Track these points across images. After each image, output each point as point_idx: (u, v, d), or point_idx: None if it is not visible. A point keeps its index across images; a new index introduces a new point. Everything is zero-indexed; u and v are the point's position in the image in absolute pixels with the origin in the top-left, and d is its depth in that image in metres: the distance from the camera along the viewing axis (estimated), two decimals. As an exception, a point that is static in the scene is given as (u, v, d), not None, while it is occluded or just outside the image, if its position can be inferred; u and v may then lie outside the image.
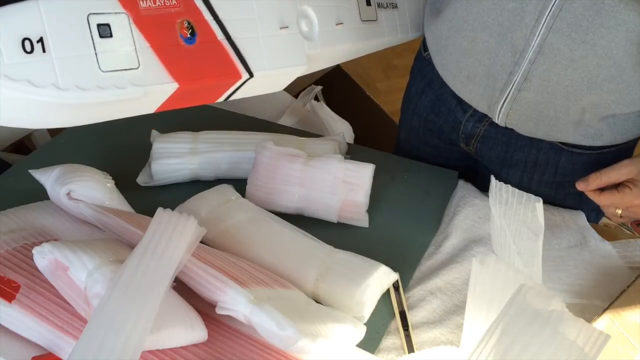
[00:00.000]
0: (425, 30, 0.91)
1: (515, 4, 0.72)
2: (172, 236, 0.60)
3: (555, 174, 0.87)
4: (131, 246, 0.63)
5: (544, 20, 0.70)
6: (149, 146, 0.87)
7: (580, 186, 0.74)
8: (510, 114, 0.80)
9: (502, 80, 0.77)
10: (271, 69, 0.63)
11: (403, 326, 0.69)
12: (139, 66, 0.52)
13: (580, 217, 0.84)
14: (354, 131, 1.22)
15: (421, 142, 1.01)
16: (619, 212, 0.73)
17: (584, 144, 0.81)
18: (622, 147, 0.83)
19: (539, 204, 0.68)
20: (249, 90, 0.64)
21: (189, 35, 0.55)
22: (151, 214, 0.63)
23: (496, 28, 0.75)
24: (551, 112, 0.77)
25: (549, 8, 0.70)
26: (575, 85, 0.73)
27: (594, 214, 0.87)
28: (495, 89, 0.79)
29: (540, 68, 0.73)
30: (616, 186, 0.73)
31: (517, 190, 0.71)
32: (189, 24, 0.55)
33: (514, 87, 0.77)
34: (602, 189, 0.74)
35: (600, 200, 0.73)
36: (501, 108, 0.80)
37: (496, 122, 0.83)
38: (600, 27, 0.68)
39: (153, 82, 0.53)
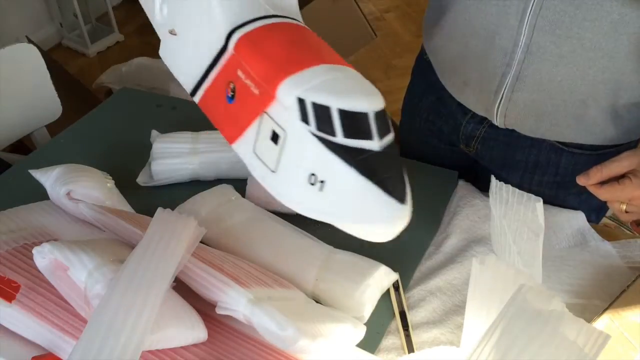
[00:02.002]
0: (424, 38, 0.93)
1: (498, 7, 0.73)
2: (172, 236, 0.60)
3: (556, 174, 0.87)
4: (131, 246, 0.63)
5: (526, 20, 0.71)
6: (149, 146, 0.87)
7: (581, 180, 0.72)
8: (507, 115, 0.80)
9: (495, 82, 0.78)
10: None
11: (403, 326, 0.69)
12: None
13: (580, 217, 0.84)
14: (354, 131, 1.21)
15: (421, 142, 1.01)
16: (624, 207, 0.71)
17: (587, 142, 0.81)
18: (623, 148, 0.83)
19: (539, 204, 0.68)
20: None
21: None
22: (151, 214, 0.63)
23: (484, 32, 0.76)
24: (549, 108, 0.77)
25: (530, 8, 0.70)
26: (569, 79, 0.73)
27: (594, 214, 0.87)
28: (490, 92, 0.80)
29: (531, 67, 0.74)
30: (617, 180, 0.72)
31: (517, 190, 0.71)
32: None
33: (507, 88, 0.77)
34: (602, 183, 0.73)
35: (601, 193, 0.71)
36: (498, 110, 0.80)
37: (495, 124, 0.83)
38: (584, 20, 0.68)
39: None
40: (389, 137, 0.43)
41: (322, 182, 0.43)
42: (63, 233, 0.72)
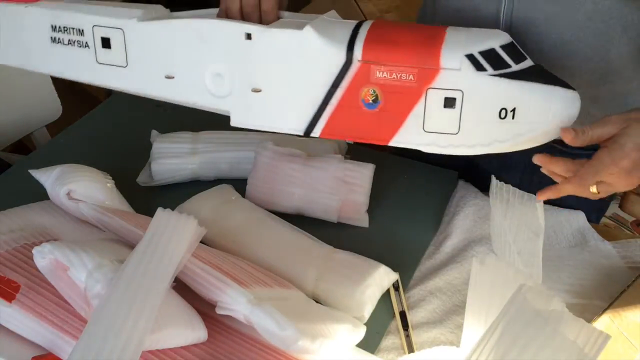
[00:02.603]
0: None
1: (475, 12, 0.74)
2: (172, 236, 0.60)
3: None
4: (131, 246, 0.63)
5: (501, 22, 0.72)
6: (149, 146, 0.87)
7: (567, 137, 0.60)
8: None
9: None
10: None
11: (403, 326, 0.69)
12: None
13: (580, 217, 0.84)
14: (354, 131, 1.21)
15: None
16: (594, 188, 0.63)
17: None
18: None
19: (539, 204, 0.68)
20: None
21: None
22: (151, 214, 0.63)
23: None
24: None
25: (502, 9, 0.72)
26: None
27: (594, 214, 0.87)
28: None
29: None
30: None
31: (517, 190, 0.71)
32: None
33: None
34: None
35: (577, 181, 0.62)
36: None
37: None
38: (557, 15, 0.69)
39: None
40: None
41: (512, 110, 0.50)
42: (63, 233, 0.72)
